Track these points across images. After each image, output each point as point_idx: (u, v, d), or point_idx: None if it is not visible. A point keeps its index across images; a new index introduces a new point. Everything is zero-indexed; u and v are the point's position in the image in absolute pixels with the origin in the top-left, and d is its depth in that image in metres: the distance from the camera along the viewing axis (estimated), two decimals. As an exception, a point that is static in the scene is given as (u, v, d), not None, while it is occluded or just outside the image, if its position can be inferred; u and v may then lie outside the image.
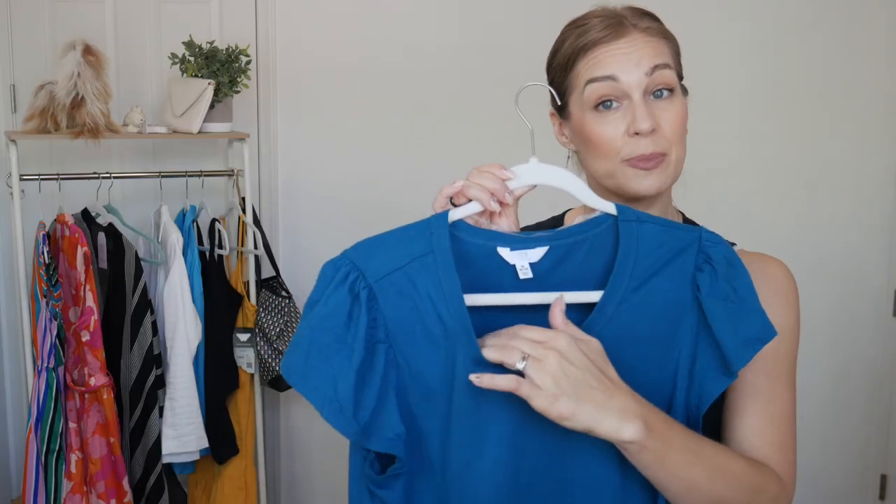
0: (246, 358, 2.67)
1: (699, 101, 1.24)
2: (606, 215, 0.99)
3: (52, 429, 2.37)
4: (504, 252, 0.99)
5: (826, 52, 3.02)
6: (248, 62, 2.63)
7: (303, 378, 0.94)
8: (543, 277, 0.98)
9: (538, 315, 0.95)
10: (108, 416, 2.39)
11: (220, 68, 2.57)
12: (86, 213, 2.53)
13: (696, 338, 0.98)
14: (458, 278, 0.95)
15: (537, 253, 0.98)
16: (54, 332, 2.34)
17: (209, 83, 2.52)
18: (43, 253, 2.37)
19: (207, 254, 2.65)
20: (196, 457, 2.58)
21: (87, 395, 2.39)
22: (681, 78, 1.13)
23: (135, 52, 2.80)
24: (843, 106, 3.05)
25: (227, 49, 2.59)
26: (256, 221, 2.72)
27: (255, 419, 2.75)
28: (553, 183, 1.01)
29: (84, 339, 2.36)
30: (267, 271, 2.75)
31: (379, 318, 0.96)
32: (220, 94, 2.58)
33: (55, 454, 2.38)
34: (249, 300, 2.68)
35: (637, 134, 1.06)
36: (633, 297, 0.97)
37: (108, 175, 2.55)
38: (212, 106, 2.56)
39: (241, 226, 2.72)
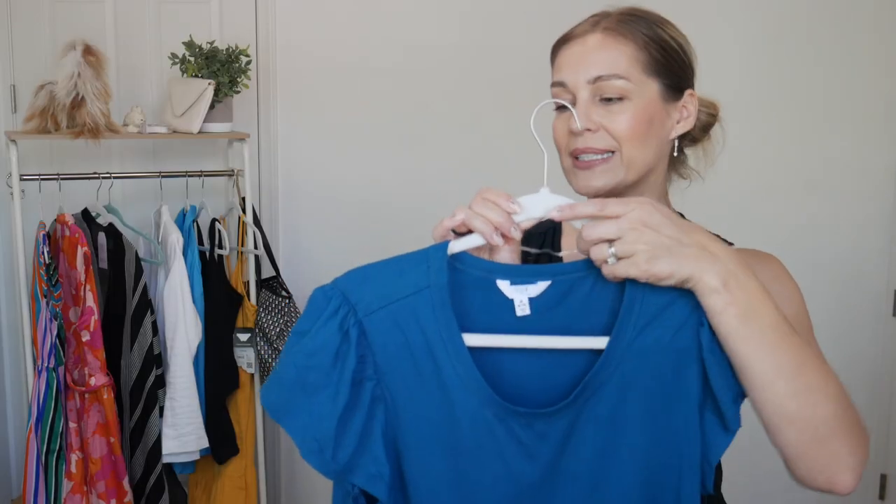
0: (246, 358, 2.67)
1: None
2: None
3: (52, 429, 2.37)
4: (503, 286, 0.95)
5: (826, 53, 3.02)
6: (248, 62, 2.63)
7: (284, 413, 0.93)
8: (542, 315, 0.95)
9: (539, 355, 0.93)
10: (108, 416, 2.39)
11: (220, 68, 2.57)
12: (86, 213, 2.53)
13: (703, 392, 0.94)
14: (454, 319, 0.92)
15: (538, 288, 0.95)
16: (54, 332, 2.34)
17: (209, 83, 2.52)
18: (43, 253, 2.37)
19: (207, 254, 2.65)
20: (196, 457, 2.58)
21: (87, 395, 2.39)
22: (668, 82, 1.13)
23: (135, 52, 2.80)
24: (843, 106, 3.05)
25: (227, 49, 2.59)
26: (256, 221, 2.72)
27: (255, 419, 2.75)
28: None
29: (84, 339, 2.36)
30: (267, 271, 2.75)
31: (368, 354, 0.93)
32: (220, 94, 2.58)
33: (55, 454, 2.38)
34: (249, 300, 2.68)
35: (573, 133, 1.11)
36: (639, 342, 0.92)
37: (108, 175, 2.55)
38: (212, 106, 2.56)
39: (241, 226, 2.72)
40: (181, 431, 2.50)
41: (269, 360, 2.66)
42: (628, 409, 0.92)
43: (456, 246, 0.96)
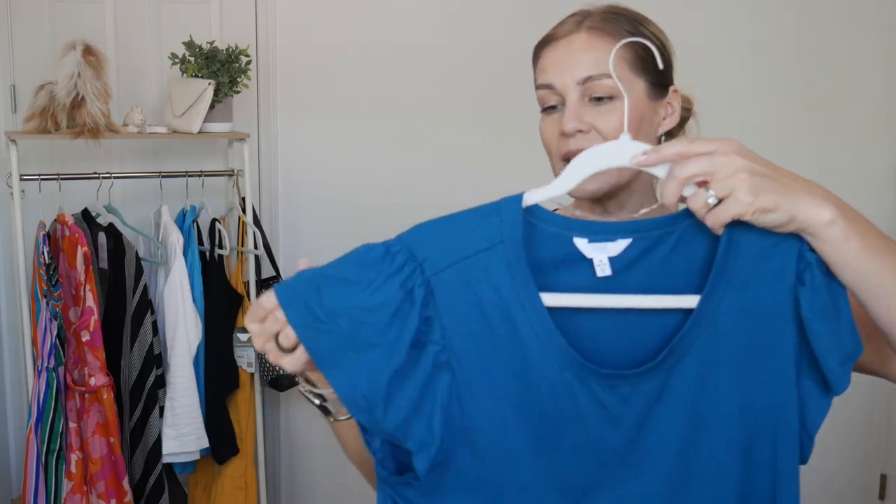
0: (246, 358, 2.67)
1: (698, 103, 1.24)
2: None
3: (52, 429, 2.37)
4: (581, 243, 0.89)
5: (826, 53, 3.02)
6: (248, 62, 2.63)
7: (331, 366, 0.86)
8: (624, 275, 0.88)
9: (620, 318, 0.88)
10: (108, 416, 2.39)
11: (220, 68, 2.57)
12: (86, 213, 2.53)
13: (799, 354, 0.88)
14: (531, 276, 0.85)
15: (618, 246, 0.88)
16: (54, 332, 2.34)
17: (209, 83, 2.52)
18: (43, 253, 2.37)
19: (208, 254, 2.65)
20: (196, 457, 2.58)
21: (87, 395, 2.39)
22: (652, 80, 1.13)
23: (135, 52, 2.80)
24: (843, 106, 3.05)
25: (227, 49, 2.59)
26: (256, 221, 2.72)
27: (255, 419, 2.75)
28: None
29: (84, 339, 2.36)
30: (267, 271, 2.75)
31: (434, 316, 0.86)
32: (220, 94, 2.58)
33: (55, 454, 2.38)
34: (249, 300, 2.68)
35: (565, 134, 1.09)
36: (731, 302, 0.86)
37: (108, 175, 2.55)
38: (212, 106, 2.56)
39: (241, 226, 2.72)
40: (181, 431, 2.50)
41: (269, 360, 2.66)
42: (719, 373, 0.87)
43: (531, 197, 0.88)
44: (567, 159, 1.10)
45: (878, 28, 3.03)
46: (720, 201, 0.82)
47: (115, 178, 2.58)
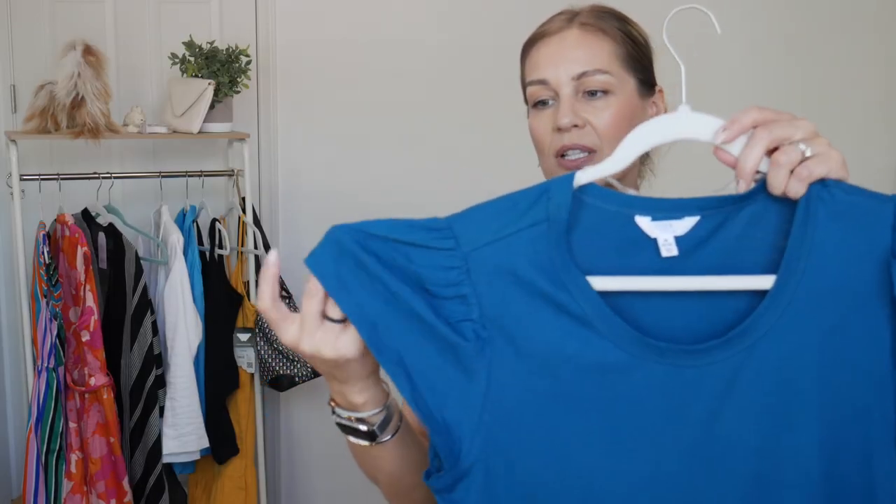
0: (246, 358, 2.67)
1: (698, 103, 1.24)
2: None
3: (52, 429, 2.37)
4: (643, 222, 0.82)
5: (826, 53, 3.02)
6: (248, 62, 2.63)
7: (375, 345, 0.80)
8: (691, 255, 0.81)
9: (688, 300, 0.80)
10: (108, 416, 2.39)
11: (220, 68, 2.57)
12: (86, 213, 2.53)
13: (894, 336, 0.79)
14: (570, 256, 0.79)
15: (684, 224, 0.81)
16: (54, 332, 2.34)
17: (209, 83, 2.52)
18: (43, 253, 2.37)
19: (207, 254, 2.65)
20: (196, 456, 2.58)
21: (87, 395, 2.39)
22: (642, 78, 1.13)
23: (135, 52, 2.80)
24: (842, 106, 3.05)
25: (227, 49, 2.59)
26: (256, 221, 2.72)
27: (255, 419, 2.75)
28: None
29: (84, 339, 2.36)
30: (267, 271, 2.75)
31: (471, 294, 0.80)
32: (220, 94, 2.58)
33: (55, 454, 2.38)
34: (249, 300, 2.68)
35: (559, 129, 1.08)
36: (811, 281, 0.78)
37: (108, 175, 2.55)
38: (212, 106, 2.56)
39: (241, 226, 2.72)
40: (181, 431, 2.50)
41: (270, 361, 2.66)
42: (800, 362, 0.79)
43: (584, 176, 0.82)
44: (561, 155, 1.10)
45: (877, 28, 3.03)
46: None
47: (115, 178, 2.58)
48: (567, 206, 0.80)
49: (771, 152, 0.80)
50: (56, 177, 2.50)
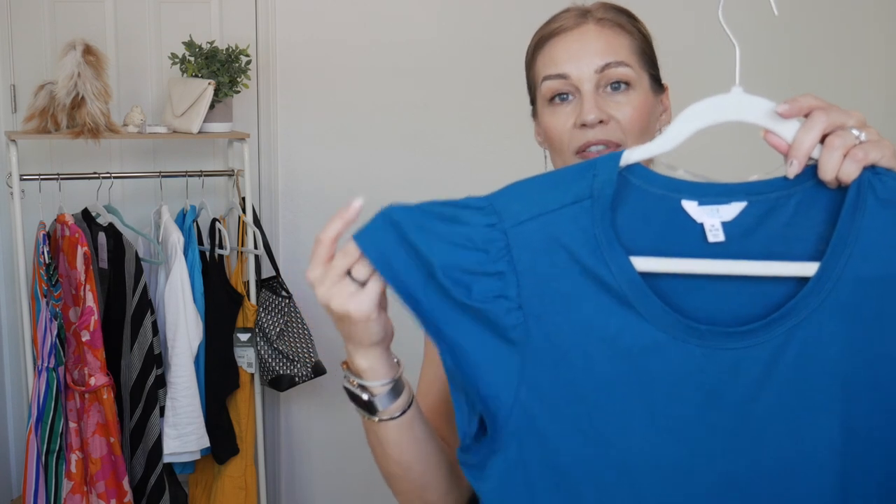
0: (246, 358, 2.67)
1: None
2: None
3: (52, 429, 2.37)
4: (690, 206, 0.81)
5: (825, 53, 3.02)
6: (248, 62, 2.63)
7: (419, 316, 0.82)
8: (738, 241, 0.80)
9: (729, 286, 0.80)
10: (108, 416, 2.39)
11: (220, 68, 2.57)
12: (86, 213, 2.53)
13: None
14: (614, 234, 0.78)
15: (732, 210, 0.81)
16: (54, 332, 2.34)
17: (209, 83, 2.52)
18: (43, 253, 2.37)
19: (208, 254, 2.65)
20: (197, 456, 2.58)
21: (87, 395, 2.39)
22: (653, 74, 1.14)
23: (135, 52, 2.80)
24: (842, 106, 3.04)
25: (227, 49, 2.59)
26: (256, 221, 2.72)
27: (255, 419, 2.75)
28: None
29: (84, 339, 2.36)
30: (267, 271, 2.75)
31: (509, 271, 0.79)
32: (220, 94, 2.58)
33: (55, 454, 2.38)
34: (249, 300, 2.68)
35: (584, 125, 1.07)
36: (856, 268, 0.77)
37: (108, 175, 2.55)
38: (212, 106, 2.56)
39: (241, 226, 2.72)
40: (182, 431, 2.50)
41: (270, 360, 2.66)
42: (841, 350, 0.78)
43: (632, 155, 0.82)
44: (582, 151, 1.08)
45: (877, 28, 3.03)
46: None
47: (114, 178, 2.58)
48: (613, 184, 0.80)
49: (822, 140, 0.81)
50: (56, 177, 2.50)
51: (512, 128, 2.33)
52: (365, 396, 0.91)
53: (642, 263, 0.79)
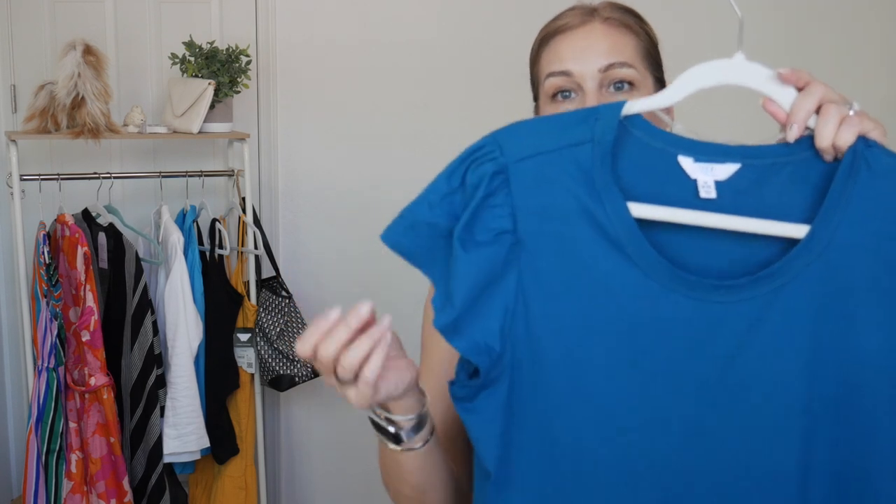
0: (246, 358, 2.67)
1: (698, 103, 1.24)
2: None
3: (52, 429, 2.37)
4: (685, 162, 0.83)
5: (824, 53, 3.02)
6: (248, 62, 2.63)
7: (423, 262, 0.83)
8: (729, 200, 0.81)
9: (720, 243, 0.81)
10: (108, 416, 2.39)
11: (221, 68, 2.57)
12: (86, 214, 2.53)
13: None
14: (613, 178, 0.79)
15: (726, 170, 0.82)
16: (55, 332, 2.34)
17: (209, 83, 2.52)
18: (43, 253, 2.37)
19: (208, 254, 2.65)
20: (197, 456, 2.58)
21: (87, 395, 2.39)
22: (658, 76, 1.13)
23: (135, 52, 2.80)
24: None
25: (227, 49, 2.60)
26: (256, 221, 2.72)
27: (255, 419, 2.75)
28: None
29: (84, 339, 2.36)
30: (267, 271, 2.75)
31: (507, 205, 0.80)
32: (221, 95, 2.58)
33: (55, 454, 2.38)
34: (249, 300, 2.68)
35: None
36: (847, 234, 0.78)
37: (108, 175, 2.55)
38: (212, 106, 2.56)
39: (242, 226, 2.72)
40: (182, 431, 2.50)
41: (270, 361, 2.66)
42: (828, 313, 0.79)
43: (633, 107, 0.83)
44: None
45: (877, 27, 3.03)
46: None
47: (115, 178, 2.58)
48: (613, 130, 0.81)
49: (817, 112, 0.83)
50: (56, 177, 2.50)
51: (512, 128, 2.33)
52: (392, 430, 0.92)
53: (637, 209, 0.80)
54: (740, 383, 0.80)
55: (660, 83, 1.13)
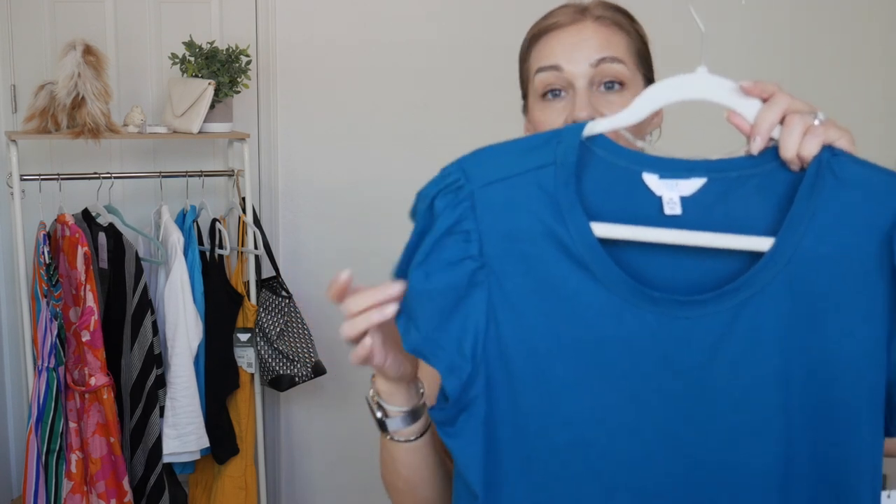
0: (246, 358, 2.67)
1: (698, 103, 1.24)
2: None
3: (52, 429, 2.37)
4: (650, 179, 0.83)
5: (824, 53, 3.02)
6: (248, 62, 2.63)
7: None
8: (694, 216, 0.82)
9: (685, 259, 0.81)
10: (108, 415, 2.39)
11: (221, 68, 2.57)
12: (86, 214, 2.53)
13: (892, 313, 0.79)
14: (578, 199, 0.80)
15: (691, 185, 0.82)
16: (55, 332, 2.34)
17: (209, 83, 2.52)
18: (43, 253, 2.37)
19: (208, 254, 2.65)
20: (197, 456, 2.58)
21: (87, 395, 2.39)
22: (648, 76, 1.13)
23: (135, 52, 2.80)
24: (842, 106, 3.04)
25: (227, 49, 2.60)
26: (256, 221, 2.72)
27: (255, 419, 2.75)
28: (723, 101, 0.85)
29: (84, 339, 2.36)
30: (267, 271, 2.75)
31: (474, 230, 0.81)
32: (221, 95, 2.58)
33: (55, 454, 2.38)
34: (249, 300, 2.68)
35: (576, 122, 1.05)
36: (811, 245, 0.79)
37: (108, 175, 2.55)
38: (212, 106, 2.56)
39: (242, 226, 2.72)
40: (182, 431, 2.50)
41: (269, 360, 2.66)
42: (792, 323, 0.79)
43: (596, 127, 0.84)
44: None
45: (877, 27, 3.03)
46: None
47: (115, 178, 2.58)
48: (575, 151, 0.82)
49: (781, 122, 0.83)
50: (56, 177, 2.50)
51: (512, 128, 2.33)
52: (378, 414, 0.95)
53: (600, 229, 0.81)
54: (712, 396, 0.81)
55: (650, 83, 1.13)
